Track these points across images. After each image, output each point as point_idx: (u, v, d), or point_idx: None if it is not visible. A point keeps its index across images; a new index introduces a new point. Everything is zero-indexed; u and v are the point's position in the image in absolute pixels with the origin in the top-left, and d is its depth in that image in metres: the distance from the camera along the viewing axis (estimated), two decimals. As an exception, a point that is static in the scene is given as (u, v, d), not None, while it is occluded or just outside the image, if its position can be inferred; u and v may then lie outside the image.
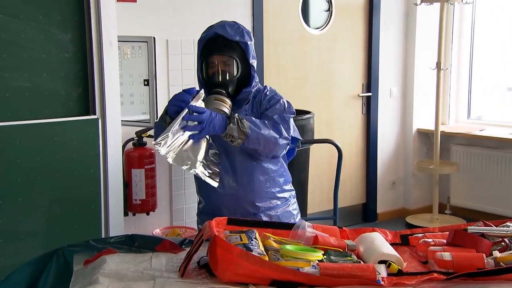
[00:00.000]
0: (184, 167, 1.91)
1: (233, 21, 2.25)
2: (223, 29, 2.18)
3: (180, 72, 3.64)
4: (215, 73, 2.15)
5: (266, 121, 2.13)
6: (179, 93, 2.07)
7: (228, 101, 2.08)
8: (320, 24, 4.41)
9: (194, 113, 1.94)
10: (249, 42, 2.20)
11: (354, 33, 4.55)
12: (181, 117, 1.92)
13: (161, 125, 2.11)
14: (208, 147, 2.01)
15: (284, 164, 2.34)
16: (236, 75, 2.17)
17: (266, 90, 2.27)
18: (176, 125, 1.90)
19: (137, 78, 3.21)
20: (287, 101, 2.27)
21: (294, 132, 2.21)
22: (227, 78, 2.15)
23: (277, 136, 2.11)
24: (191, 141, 1.94)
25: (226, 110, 2.04)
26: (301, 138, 2.28)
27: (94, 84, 2.75)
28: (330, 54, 4.45)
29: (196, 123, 1.94)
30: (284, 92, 2.58)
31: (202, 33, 2.24)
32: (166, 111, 2.10)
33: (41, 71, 2.64)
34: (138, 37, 3.21)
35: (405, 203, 4.98)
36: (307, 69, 4.36)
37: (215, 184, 2.01)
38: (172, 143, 1.89)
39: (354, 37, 4.55)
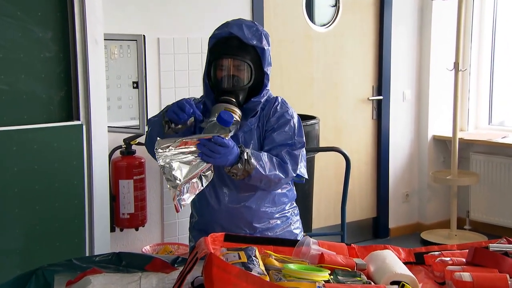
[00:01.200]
0: (167, 180, 1.91)
1: (252, 21, 2.24)
2: (240, 29, 2.17)
3: (172, 73, 3.64)
4: (224, 78, 2.15)
5: (274, 159, 2.13)
6: (185, 101, 2.07)
7: (238, 112, 2.08)
8: (326, 21, 4.42)
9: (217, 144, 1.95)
10: (266, 48, 2.20)
11: (363, 30, 4.56)
12: (197, 138, 1.93)
13: (159, 126, 2.10)
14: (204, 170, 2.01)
15: (290, 182, 2.33)
16: (248, 83, 2.17)
17: (276, 102, 2.25)
18: (191, 147, 1.92)
19: (125, 80, 3.21)
20: (298, 119, 2.26)
21: (301, 167, 2.21)
22: (238, 85, 2.15)
23: (282, 177, 2.13)
24: (191, 157, 1.94)
25: (236, 122, 2.05)
26: (306, 177, 2.28)
27: (78, 87, 2.76)
28: (337, 54, 4.46)
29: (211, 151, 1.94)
30: (287, 96, 2.58)
31: (216, 30, 2.23)
32: (165, 115, 2.10)
33: (20, 73, 2.64)
34: (126, 35, 3.21)
35: (420, 218, 4.97)
36: (312, 70, 4.37)
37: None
38: (174, 153, 1.91)
39: (364, 34, 4.56)
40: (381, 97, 4.66)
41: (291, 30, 4.23)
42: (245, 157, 2.03)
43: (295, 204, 2.36)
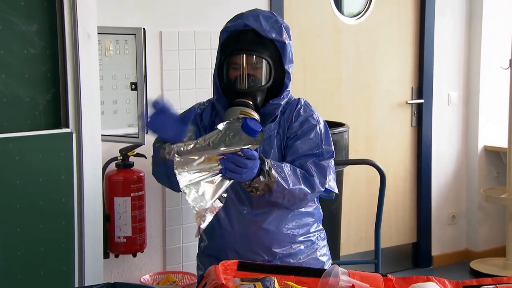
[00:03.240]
0: (194, 204, 1.93)
1: (270, 12, 2.26)
2: (257, 21, 2.18)
3: (177, 72, 3.66)
4: (239, 78, 2.16)
5: (298, 171, 2.13)
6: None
7: (256, 116, 2.10)
8: (357, 11, 4.42)
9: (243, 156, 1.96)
10: (287, 42, 2.22)
11: (401, 22, 4.55)
12: (220, 152, 1.95)
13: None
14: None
15: (315, 199, 2.32)
16: (267, 83, 2.17)
17: (299, 105, 2.26)
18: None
19: (122, 81, 3.23)
20: (325, 125, 2.26)
21: (330, 181, 2.21)
22: (256, 85, 2.15)
23: (308, 192, 2.13)
24: (213, 174, 1.97)
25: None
26: (337, 192, 2.28)
27: (67, 89, 2.77)
28: (370, 50, 4.45)
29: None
30: (311, 98, 2.58)
31: (228, 22, 2.25)
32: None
33: None
34: (123, 28, 3.23)
35: (468, 244, 4.93)
36: (341, 69, 4.37)
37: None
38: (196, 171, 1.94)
39: (401, 27, 4.56)
40: (421, 101, 4.65)
41: (316, 22, 4.23)
42: (266, 168, 2.03)
43: (321, 227, 2.36)
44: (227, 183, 1.98)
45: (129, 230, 3.32)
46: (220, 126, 2.00)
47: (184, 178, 1.93)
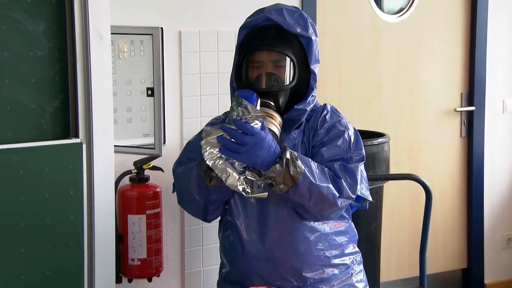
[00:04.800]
0: (224, 178, 2.01)
1: (294, 6, 2.27)
2: (280, 14, 2.20)
3: (197, 76, 3.68)
4: (260, 77, 2.17)
5: (326, 170, 2.12)
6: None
7: (279, 118, 2.10)
8: (398, 7, 4.42)
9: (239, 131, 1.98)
10: (313, 38, 2.22)
11: (449, 19, 4.54)
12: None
13: (197, 179, 2.16)
14: None
15: (347, 215, 2.32)
16: (290, 82, 2.18)
17: (325, 111, 2.26)
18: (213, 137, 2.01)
19: (137, 86, 3.25)
20: (355, 131, 2.26)
21: (362, 188, 2.20)
22: (278, 85, 2.16)
23: (337, 194, 2.11)
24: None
25: (276, 130, 2.06)
26: (371, 199, 2.27)
27: (77, 95, 2.79)
28: (413, 51, 4.45)
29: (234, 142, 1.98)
30: (347, 106, 2.60)
31: (248, 18, 2.26)
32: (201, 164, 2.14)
33: (3, 76, 2.68)
34: (139, 27, 3.25)
35: (526, 270, 4.88)
36: (380, 72, 4.36)
37: (265, 195, 2.05)
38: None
39: (450, 25, 4.54)
40: (472, 108, 4.62)
41: (353, 20, 4.24)
42: (288, 157, 2.02)
43: (357, 249, 2.35)
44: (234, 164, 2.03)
45: (144, 252, 3.34)
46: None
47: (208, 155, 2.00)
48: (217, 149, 1.99)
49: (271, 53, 2.17)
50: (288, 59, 2.17)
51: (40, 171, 2.72)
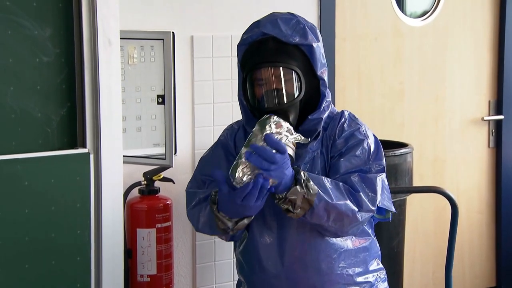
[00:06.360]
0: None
1: (289, 13, 2.25)
2: (275, 26, 2.19)
3: (210, 83, 3.68)
4: (265, 95, 2.15)
5: (341, 185, 2.11)
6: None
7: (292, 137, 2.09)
8: (422, 11, 4.40)
9: (272, 149, 1.97)
10: (314, 45, 2.20)
11: (476, 23, 4.52)
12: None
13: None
14: None
15: (369, 230, 2.31)
16: (298, 96, 2.17)
17: (342, 119, 2.25)
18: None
19: (147, 93, 3.25)
20: (376, 140, 2.24)
21: (384, 199, 2.19)
22: (285, 101, 2.15)
23: (356, 210, 2.10)
24: None
25: (291, 151, 2.05)
26: (394, 210, 2.25)
27: (85, 103, 2.79)
28: (438, 56, 4.43)
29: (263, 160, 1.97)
30: (367, 114, 2.58)
31: (244, 34, 2.26)
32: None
33: (7, 84, 2.69)
34: (149, 32, 3.26)
35: (558, 288, 4.84)
36: (403, 79, 4.35)
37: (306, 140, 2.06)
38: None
39: (477, 29, 4.53)
40: (501, 117, 4.61)
41: (374, 23, 4.22)
42: (303, 178, 2.01)
43: (381, 265, 2.34)
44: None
45: (154, 268, 3.33)
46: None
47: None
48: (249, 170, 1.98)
49: (273, 68, 2.16)
50: (292, 72, 2.16)
51: (46, 183, 2.73)
